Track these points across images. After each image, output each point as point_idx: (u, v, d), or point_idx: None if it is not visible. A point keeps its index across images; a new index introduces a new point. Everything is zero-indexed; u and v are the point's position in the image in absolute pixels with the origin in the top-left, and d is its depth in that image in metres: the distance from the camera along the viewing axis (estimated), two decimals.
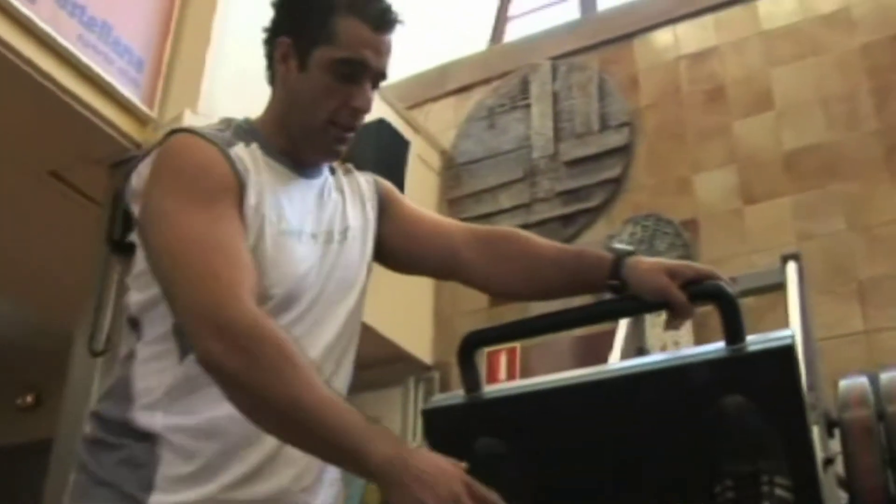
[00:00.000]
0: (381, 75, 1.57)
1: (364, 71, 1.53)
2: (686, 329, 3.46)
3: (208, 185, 1.40)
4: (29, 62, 2.86)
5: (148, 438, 1.38)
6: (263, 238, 1.43)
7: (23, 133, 3.17)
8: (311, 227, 1.54)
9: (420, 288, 4.29)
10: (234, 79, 3.23)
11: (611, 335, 3.00)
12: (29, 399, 6.23)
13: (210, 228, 1.35)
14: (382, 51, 1.55)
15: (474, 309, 4.16)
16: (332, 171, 1.69)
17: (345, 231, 1.60)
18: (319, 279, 1.51)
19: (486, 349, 3.62)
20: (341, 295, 1.54)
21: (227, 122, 1.57)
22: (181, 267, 1.33)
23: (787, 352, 1.33)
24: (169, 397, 1.39)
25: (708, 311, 1.46)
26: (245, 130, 1.55)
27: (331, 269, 1.53)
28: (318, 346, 1.47)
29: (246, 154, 1.48)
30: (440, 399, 1.58)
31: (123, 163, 3.10)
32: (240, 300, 1.28)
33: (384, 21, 1.55)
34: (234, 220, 1.39)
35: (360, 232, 1.63)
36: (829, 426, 2.13)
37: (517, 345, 4.05)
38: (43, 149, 3.26)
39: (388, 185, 1.79)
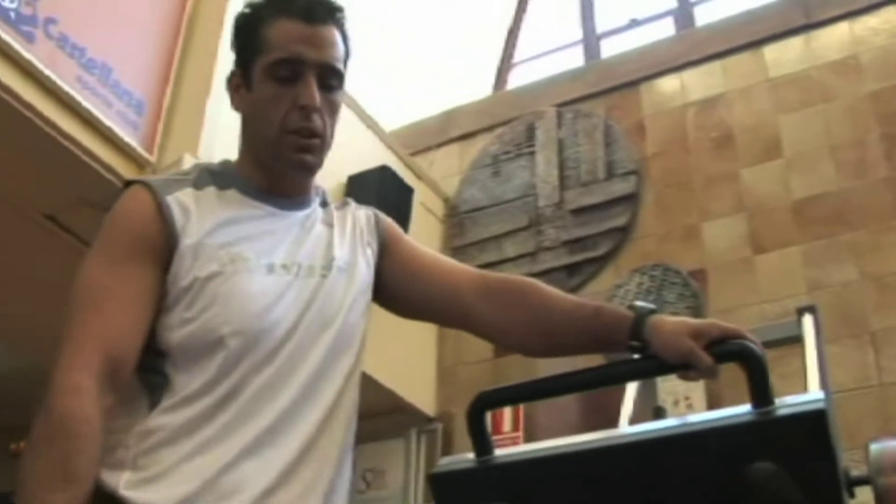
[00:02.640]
0: (330, 69, 1.51)
1: (303, 67, 1.48)
2: (698, 384, 3.38)
3: (122, 239, 1.41)
4: (25, 103, 2.81)
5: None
6: (209, 278, 1.39)
7: (18, 175, 3.11)
8: (282, 258, 1.47)
9: (422, 337, 4.21)
10: (235, 123, 3.17)
11: (619, 389, 2.91)
12: (22, 444, 6.13)
13: (98, 285, 1.37)
14: (319, 43, 1.49)
15: (478, 359, 4.09)
16: (324, 205, 1.62)
17: (328, 265, 1.51)
18: (293, 313, 1.43)
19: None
20: (319, 330, 1.45)
21: (197, 167, 1.56)
22: (67, 317, 1.35)
23: (820, 416, 1.26)
24: (137, 452, 1.32)
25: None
26: (211, 172, 1.52)
27: (307, 303, 1.45)
28: (292, 384, 1.39)
29: (191, 197, 1.45)
30: (449, 462, 1.50)
31: None
32: (68, 371, 1.29)
33: (313, 12, 1.50)
34: (135, 279, 1.38)
35: (346, 265, 1.54)
36: (850, 486, 2.04)
37: None
38: (39, 191, 3.19)
39: (389, 222, 1.71)
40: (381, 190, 4.00)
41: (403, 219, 4.06)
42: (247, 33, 1.53)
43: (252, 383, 1.36)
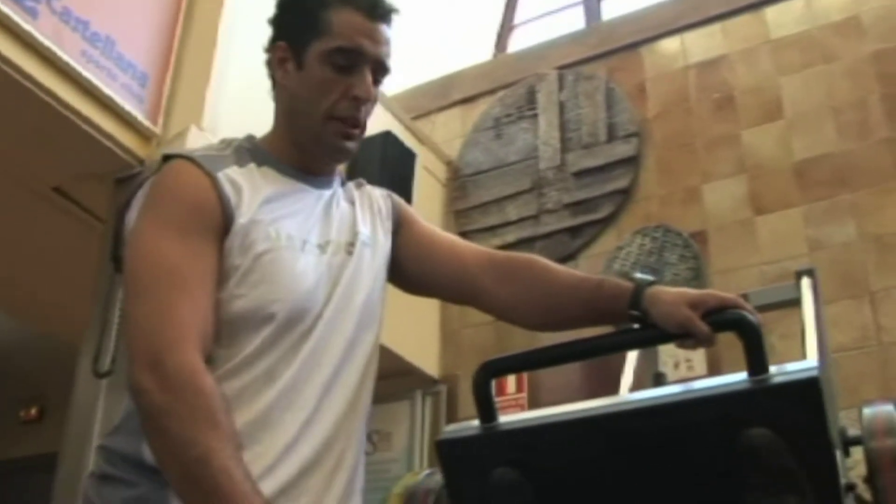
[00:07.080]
0: (382, 66, 1.56)
1: (362, 59, 1.52)
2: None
3: (186, 213, 1.40)
4: (31, 78, 2.82)
5: (160, 476, 1.29)
6: (260, 255, 1.41)
7: (25, 149, 3.14)
8: (317, 237, 1.51)
9: (426, 301, 4.22)
10: (239, 94, 3.19)
11: (621, 353, 2.94)
12: (32, 412, 6.21)
13: (179, 261, 1.35)
14: (379, 39, 1.54)
15: (481, 322, 4.12)
16: (343, 184, 1.67)
17: (353, 241, 1.57)
18: (326, 291, 1.47)
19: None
20: (346, 304, 1.50)
21: (228, 143, 1.56)
22: (141, 294, 1.33)
23: (812, 384, 1.30)
24: None
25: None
26: (246, 149, 1.54)
27: (336, 280, 1.50)
28: (326, 363, 1.44)
29: (239, 175, 1.47)
30: (455, 429, 1.55)
31: (127, 179, 3.07)
32: (184, 350, 1.28)
33: (378, 9, 1.54)
34: (206, 255, 1.39)
35: (370, 240, 1.60)
36: (846, 445, 2.09)
37: None
38: (45, 165, 3.22)
39: (404, 203, 1.76)
40: (384, 155, 4.02)
41: (406, 183, 4.08)
42: (306, 13, 1.54)
43: (291, 361, 1.40)
